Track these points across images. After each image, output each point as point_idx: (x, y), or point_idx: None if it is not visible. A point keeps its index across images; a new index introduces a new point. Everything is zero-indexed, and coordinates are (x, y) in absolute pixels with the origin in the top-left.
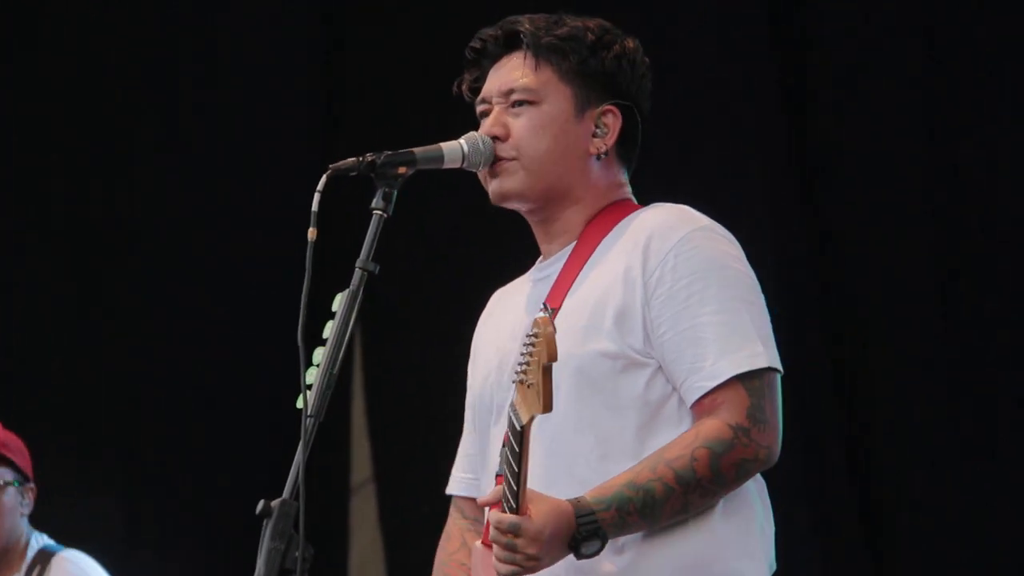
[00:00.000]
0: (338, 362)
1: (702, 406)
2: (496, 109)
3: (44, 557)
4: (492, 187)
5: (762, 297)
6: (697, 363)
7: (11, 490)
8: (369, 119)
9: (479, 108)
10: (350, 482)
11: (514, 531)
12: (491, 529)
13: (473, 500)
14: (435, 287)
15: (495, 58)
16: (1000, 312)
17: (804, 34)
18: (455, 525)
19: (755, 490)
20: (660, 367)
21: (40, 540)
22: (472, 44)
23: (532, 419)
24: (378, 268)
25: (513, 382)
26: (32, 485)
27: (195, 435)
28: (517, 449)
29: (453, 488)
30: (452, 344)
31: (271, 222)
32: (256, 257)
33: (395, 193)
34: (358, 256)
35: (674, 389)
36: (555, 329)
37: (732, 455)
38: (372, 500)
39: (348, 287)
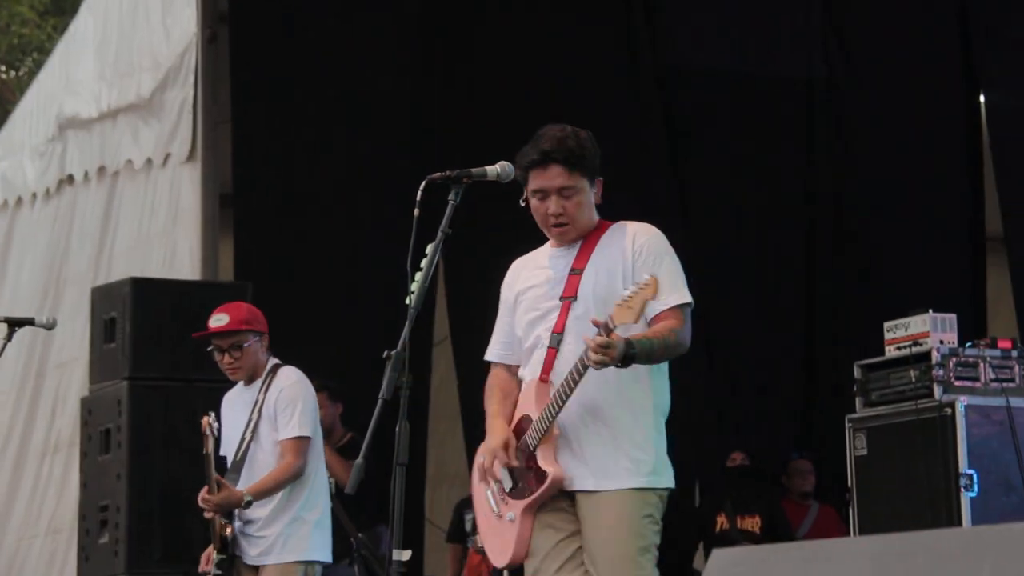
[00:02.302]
0: (428, 280)
1: (659, 318)
2: (554, 197)
3: (275, 368)
4: (559, 238)
5: (681, 268)
6: (658, 296)
7: (254, 346)
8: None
9: (537, 194)
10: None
11: (607, 344)
12: (592, 342)
13: (511, 366)
14: (492, 233)
15: (538, 166)
16: None
17: None
18: (504, 375)
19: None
20: None
21: (273, 360)
22: (528, 160)
23: (622, 324)
24: (452, 231)
25: (617, 304)
26: (266, 335)
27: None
28: (606, 335)
29: (499, 357)
30: (495, 256)
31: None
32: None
33: (461, 191)
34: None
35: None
36: (659, 284)
37: (679, 339)
38: (449, 351)
39: (435, 241)
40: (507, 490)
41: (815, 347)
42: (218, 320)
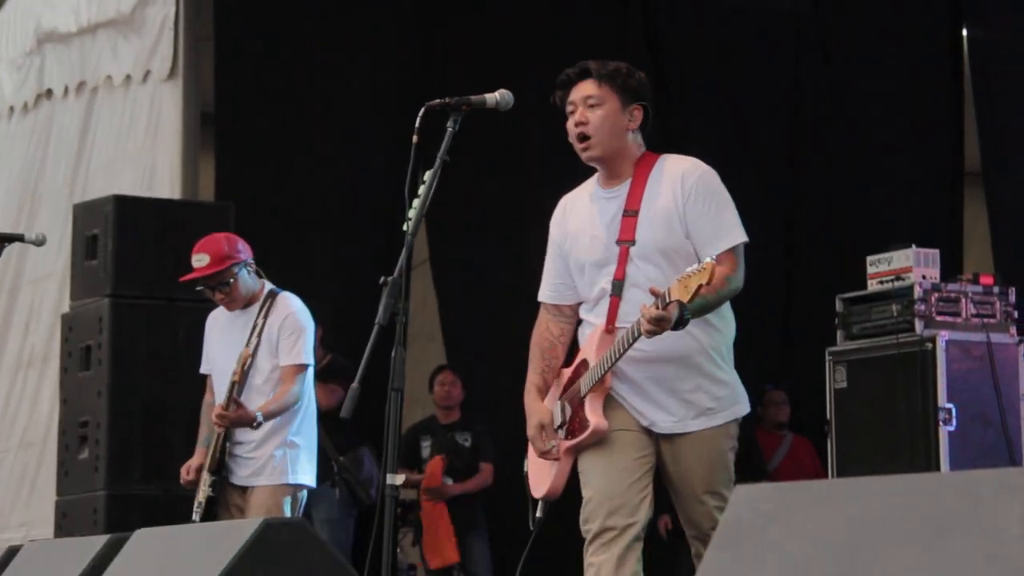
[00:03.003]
0: (425, 207)
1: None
2: (580, 108)
3: (272, 295)
4: (584, 155)
5: (733, 203)
6: (711, 239)
7: (243, 274)
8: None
9: (568, 108)
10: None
11: (661, 318)
12: (648, 314)
13: (561, 306)
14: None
15: (573, 84)
16: None
17: None
18: (554, 322)
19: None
20: (690, 241)
21: (269, 285)
22: (562, 77)
23: (679, 299)
24: (449, 158)
25: (678, 279)
26: (252, 262)
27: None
28: (667, 302)
29: (549, 299)
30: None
31: (398, 138)
32: (393, 155)
33: (460, 119)
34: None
35: (695, 251)
36: (716, 264)
37: (732, 285)
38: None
39: (432, 167)
40: (555, 426)
41: (793, 279)
42: (199, 261)
